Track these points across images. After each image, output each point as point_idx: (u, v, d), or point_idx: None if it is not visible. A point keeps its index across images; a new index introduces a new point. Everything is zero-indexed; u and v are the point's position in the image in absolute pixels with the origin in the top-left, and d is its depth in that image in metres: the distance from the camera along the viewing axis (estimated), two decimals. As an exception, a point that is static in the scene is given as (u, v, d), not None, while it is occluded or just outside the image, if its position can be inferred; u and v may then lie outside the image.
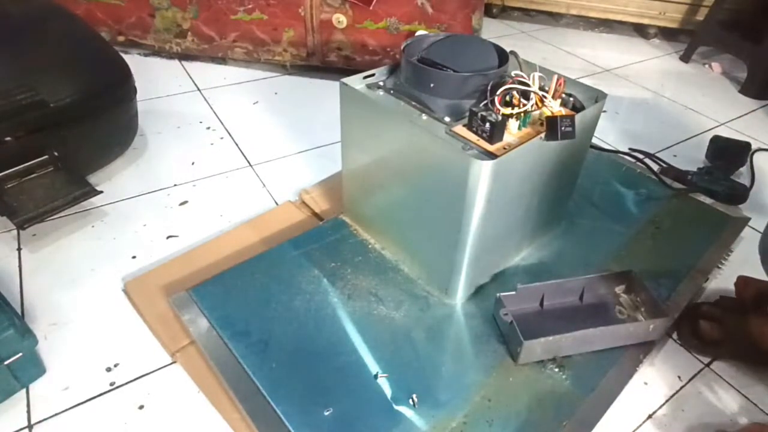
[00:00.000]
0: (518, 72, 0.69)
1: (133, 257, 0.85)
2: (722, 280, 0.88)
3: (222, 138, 1.17)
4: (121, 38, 1.43)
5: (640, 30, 1.99)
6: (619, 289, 0.77)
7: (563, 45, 1.84)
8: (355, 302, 0.74)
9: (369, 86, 0.76)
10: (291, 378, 0.64)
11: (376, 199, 0.81)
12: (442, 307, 0.75)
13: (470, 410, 0.63)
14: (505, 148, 0.64)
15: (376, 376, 0.65)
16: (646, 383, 0.71)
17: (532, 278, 0.76)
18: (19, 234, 0.87)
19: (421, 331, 0.72)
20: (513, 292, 0.73)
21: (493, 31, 1.92)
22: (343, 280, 0.78)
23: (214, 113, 1.26)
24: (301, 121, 1.25)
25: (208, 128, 1.20)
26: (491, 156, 0.62)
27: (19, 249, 0.85)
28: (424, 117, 0.70)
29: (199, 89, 1.36)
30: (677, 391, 0.71)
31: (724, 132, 1.33)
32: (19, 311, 0.74)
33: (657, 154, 1.19)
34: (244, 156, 1.12)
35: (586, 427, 0.63)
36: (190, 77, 1.41)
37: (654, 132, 1.33)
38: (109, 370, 0.69)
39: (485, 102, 0.67)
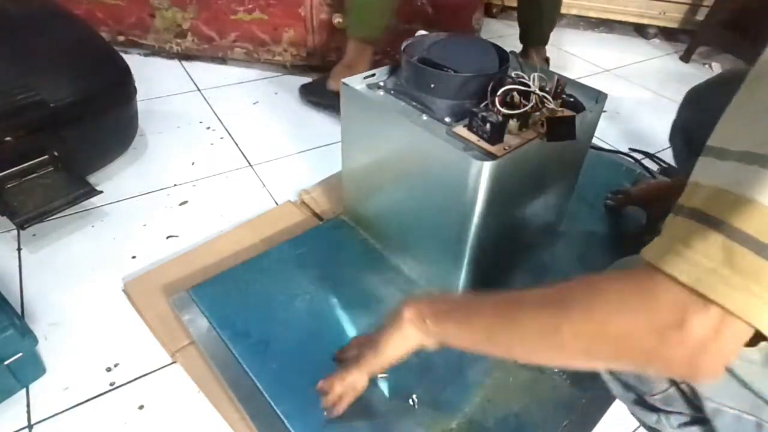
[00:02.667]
0: (518, 72, 0.69)
1: (133, 257, 0.85)
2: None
3: (222, 138, 1.17)
4: (121, 38, 1.43)
5: (640, 30, 1.99)
6: (619, 289, 0.77)
7: (563, 45, 1.84)
8: (355, 302, 0.74)
9: (369, 86, 0.76)
10: (291, 378, 0.64)
11: (377, 200, 0.81)
12: (442, 307, 0.75)
13: (470, 410, 0.63)
14: (505, 149, 0.64)
15: (376, 377, 0.65)
16: (645, 383, 0.71)
17: (532, 278, 0.76)
18: (19, 234, 0.87)
19: (421, 331, 0.71)
20: (513, 293, 0.73)
21: (493, 31, 1.92)
22: (343, 280, 0.78)
23: (214, 113, 1.26)
24: (301, 121, 1.25)
25: (208, 128, 1.20)
26: (492, 157, 0.62)
27: (19, 249, 0.85)
28: (425, 117, 0.70)
29: (199, 89, 1.36)
30: (677, 392, 0.71)
31: (724, 132, 1.33)
32: (19, 311, 0.74)
33: (657, 154, 1.19)
34: (244, 156, 1.12)
35: (586, 427, 0.63)
36: (190, 77, 1.41)
37: (654, 132, 1.33)
38: (109, 370, 0.69)
39: (486, 103, 0.66)
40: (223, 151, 1.13)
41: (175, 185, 1.02)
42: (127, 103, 1.01)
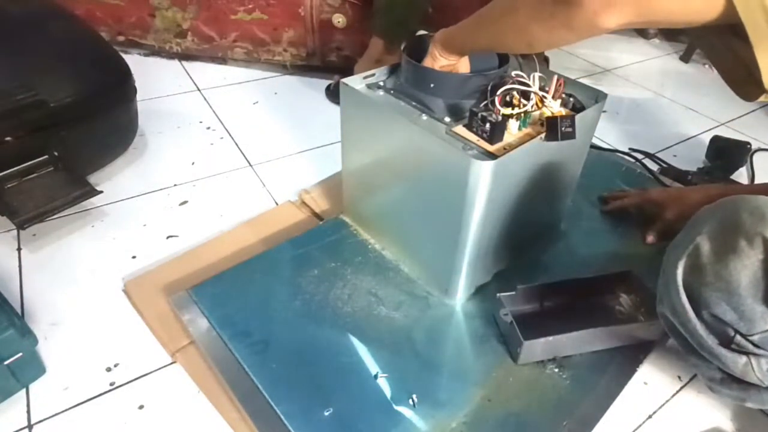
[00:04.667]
0: (518, 72, 0.69)
1: (133, 257, 0.85)
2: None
3: (222, 138, 1.17)
4: (121, 38, 1.43)
5: (640, 30, 1.99)
6: (619, 289, 0.77)
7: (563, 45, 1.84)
8: (355, 302, 0.74)
9: (369, 86, 0.76)
10: (291, 378, 0.64)
11: (376, 199, 0.81)
12: (442, 307, 0.75)
13: (470, 410, 0.63)
14: (505, 149, 0.64)
15: (376, 376, 0.65)
16: (646, 383, 0.71)
17: (532, 278, 0.76)
18: (19, 234, 0.87)
19: (421, 331, 0.72)
20: (513, 292, 0.73)
21: (493, 31, 1.92)
22: (343, 280, 0.78)
23: (214, 113, 1.26)
24: (301, 121, 1.25)
25: (208, 128, 1.20)
26: (491, 156, 0.62)
27: (19, 249, 0.85)
28: (424, 117, 0.70)
29: (199, 89, 1.36)
30: (677, 391, 0.71)
31: (724, 132, 1.33)
32: (19, 311, 0.74)
33: (657, 154, 1.19)
34: (244, 156, 1.12)
35: (586, 427, 0.63)
36: (190, 77, 1.41)
37: (654, 132, 1.33)
38: (109, 370, 0.69)
39: (485, 102, 0.67)
40: (223, 151, 1.13)
41: (175, 185, 1.02)
42: (127, 103, 1.01)
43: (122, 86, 1.00)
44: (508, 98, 0.66)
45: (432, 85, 0.70)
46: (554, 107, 0.68)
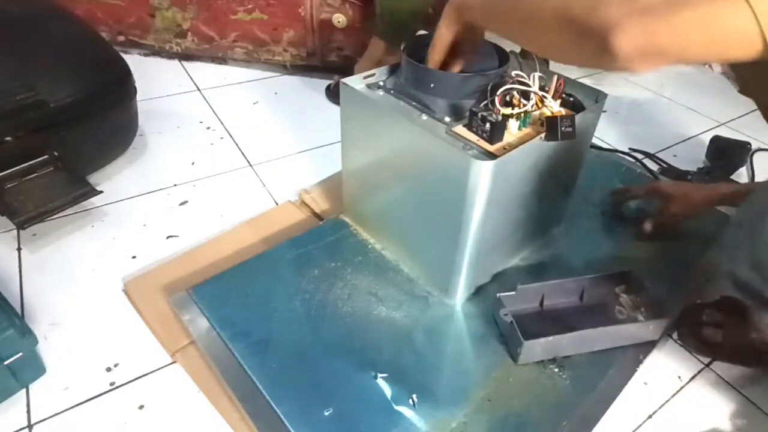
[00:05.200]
0: (518, 72, 0.69)
1: (133, 257, 0.85)
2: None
3: (222, 138, 1.17)
4: (121, 38, 1.43)
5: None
6: (619, 289, 0.77)
7: (563, 45, 1.84)
8: (355, 302, 0.74)
9: (369, 86, 0.76)
10: (291, 378, 0.64)
11: (376, 199, 0.81)
12: (442, 307, 0.75)
13: (470, 410, 0.63)
14: (505, 149, 0.64)
15: (376, 376, 0.65)
16: (646, 383, 0.71)
17: (532, 278, 0.76)
18: (19, 234, 0.87)
19: (421, 331, 0.72)
20: (513, 292, 0.73)
21: (493, 31, 1.92)
22: (343, 280, 0.78)
23: (214, 113, 1.26)
24: (301, 121, 1.26)
25: (208, 128, 1.20)
26: (491, 156, 0.62)
27: (19, 249, 0.85)
28: (424, 117, 0.70)
29: (199, 89, 1.36)
30: (677, 391, 0.71)
31: (724, 132, 1.33)
32: (19, 311, 0.74)
33: (657, 154, 1.19)
34: (244, 156, 1.12)
35: (586, 427, 0.63)
36: (190, 77, 1.41)
37: (654, 132, 1.33)
38: (109, 370, 0.69)
39: (485, 102, 0.67)
40: (223, 151, 1.13)
41: (175, 185, 1.02)
42: (127, 103, 1.01)
43: (122, 86, 1.00)
44: (508, 98, 0.66)
45: (432, 85, 0.70)
46: (554, 107, 0.68)
